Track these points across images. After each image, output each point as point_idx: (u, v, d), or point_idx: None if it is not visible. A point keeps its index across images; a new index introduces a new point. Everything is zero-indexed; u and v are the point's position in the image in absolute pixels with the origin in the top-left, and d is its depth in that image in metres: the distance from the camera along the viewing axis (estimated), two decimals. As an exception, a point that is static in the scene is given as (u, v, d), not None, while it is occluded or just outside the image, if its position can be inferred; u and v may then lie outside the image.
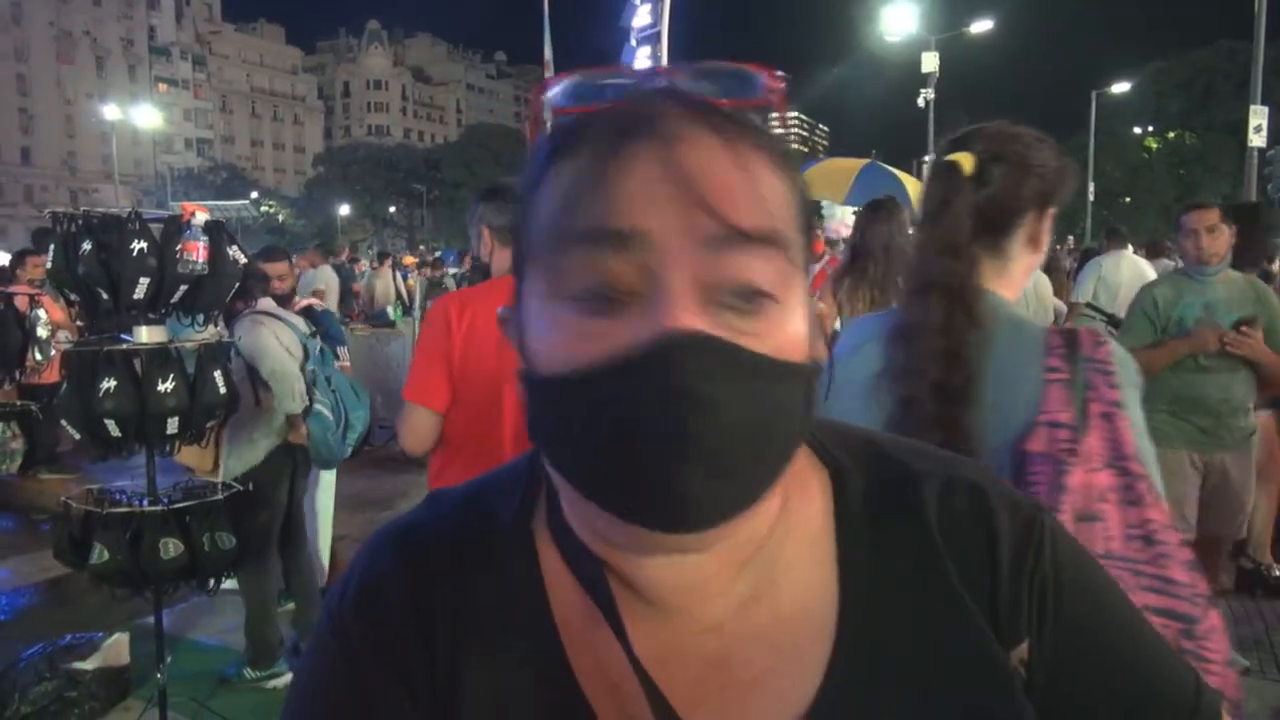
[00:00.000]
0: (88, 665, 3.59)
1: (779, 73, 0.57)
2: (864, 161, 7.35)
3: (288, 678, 3.87)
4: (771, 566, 0.61)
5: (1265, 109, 16.52)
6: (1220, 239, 3.72)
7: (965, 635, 0.60)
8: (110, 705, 3.60)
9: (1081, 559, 0.65)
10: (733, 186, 0.52)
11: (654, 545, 0.55)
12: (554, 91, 0.58)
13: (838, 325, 4.22)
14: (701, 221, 0.51)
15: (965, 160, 1.43)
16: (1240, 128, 18.40)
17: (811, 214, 0.60)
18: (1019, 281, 1.52)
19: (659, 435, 0.50)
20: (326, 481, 4.73)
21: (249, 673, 3.85)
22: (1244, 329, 3.56)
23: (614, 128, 0.53)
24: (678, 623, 0.60)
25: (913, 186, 6.02)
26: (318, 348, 3.99)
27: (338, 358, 4.93)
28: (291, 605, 4.28)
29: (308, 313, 4.62)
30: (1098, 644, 0.62)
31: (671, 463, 0.50)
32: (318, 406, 3.77)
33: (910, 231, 4.22)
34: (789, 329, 0.54)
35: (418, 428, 2.47)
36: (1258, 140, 16.81)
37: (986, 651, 0.60)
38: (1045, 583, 0.61)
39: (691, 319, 0.50)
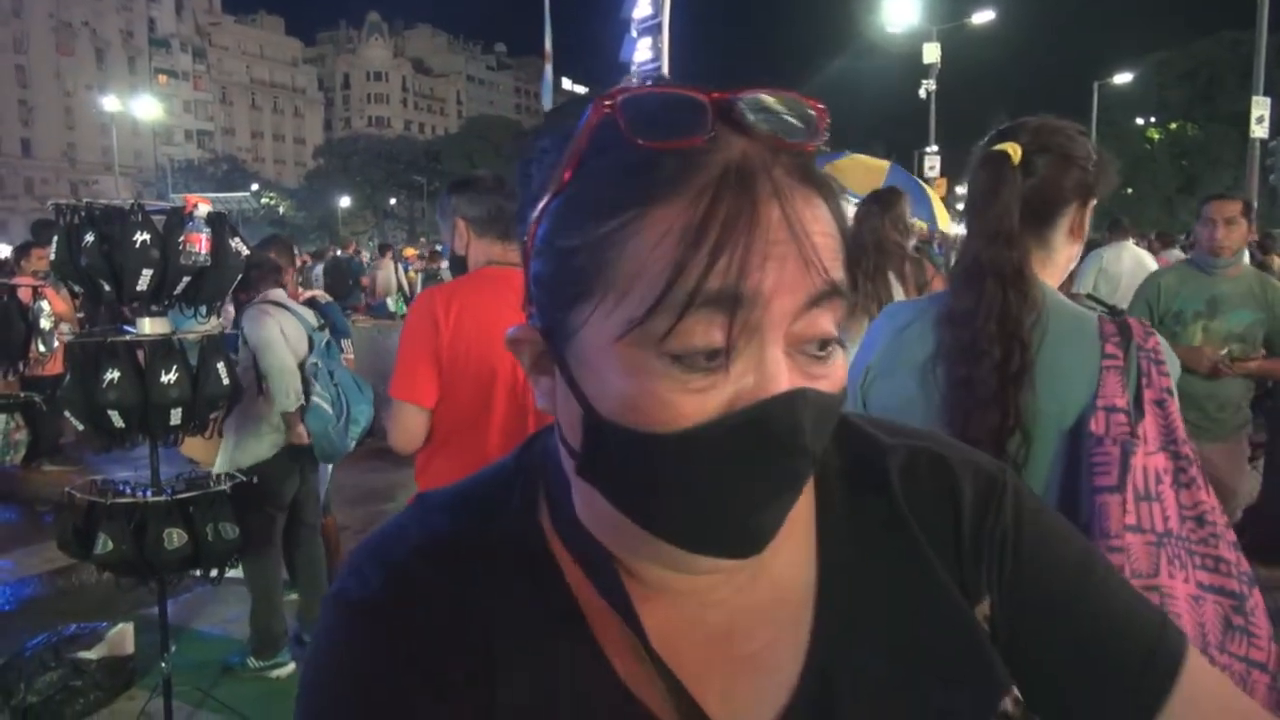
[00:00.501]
0: (92, 655, 3.61)
1: (822, 107, 0.55)
2: (888, 164, 7.39)
3: (291, 668, 3.89)
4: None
5: (1268, 100, 16.49)
6: (1237, 232, 3.72)
7: (936, 597, 0.63)
8: (115, 694, 3.62)
9: (1042, 514, 0.67)
10: (829, 245, 0.53)
11: (691, 565, 0.58)
12: (620, 104, 0.52)
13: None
14: (809, 282, 0.52)
15: (1013, 150, 1.47)
16: (1243, 119, 18.35)
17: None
18: (1061, 271, 1.57)
19: (763, 484, 0.53)
20: (324, 474, 4.74)
21: (252, 662, 3.87)
22: (1235, 364, 3.60)
23: (730, 176, 0.50)
24: (679, 601, 0.62)
25: (934, 197, 6.03)
26: (324, 340, 4.00)
27: (342, 350, 4.94)
28: (294, 596, 4.30)
29: (312, 304, 4.62)
30: (1057, 592, 0.64)
31: (767, 506, 0.54)
32: (316, 400, 3.77)
33: (910, 223, 4.23)
34: (841, 363, 0.56)
35: (408, 425, 2.44)
36: (1260, 131, 16.78)
37: (957, 611, 0.63)
38: (1005, 536, 0.65)
39: (788, 381, 0.52)
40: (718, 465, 0.52)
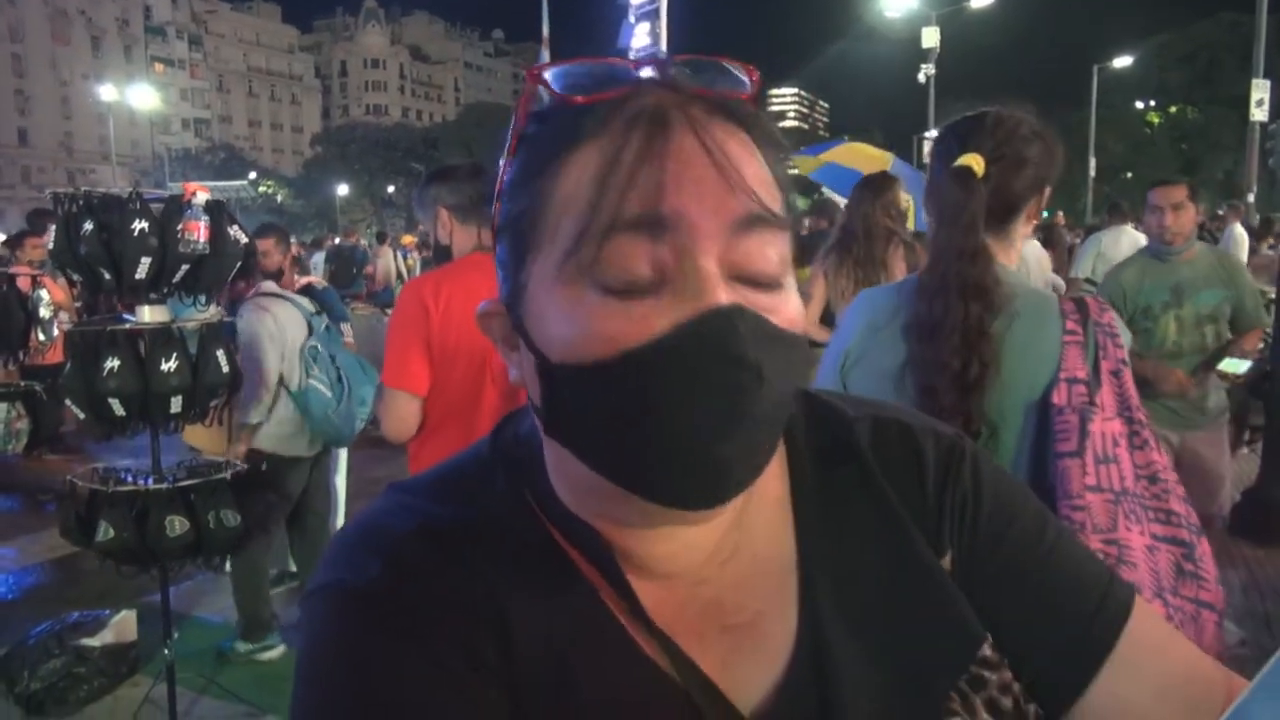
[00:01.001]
0: (95, 642, 3.63)
1: (754, 69, 0.59)
2: (891, 156, 7.33)
3: (280, 649, 3.91)
4: (745, 520, 0.65)
5: (1267, 83, 16.45)
6: (1185, 217, 3.69)
7: (913, 554, 0.66)
8: (118, 681, 3.65)
9: (998, 478, 0.71)
10: (756, 172, 0.55)
11: (666, 520, 0.58)
12: (556, 80, 0.56)
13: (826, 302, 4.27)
14: (733, 204, 0.53)
15: (977, 164, 1.58)
16: (1242, 102, 18.31)
17: (793, 197, 0.62)
18: (1018, 247, 1.72)
19: (712, 406, 0.52)
20: (343, 464, 4.75)
21: (241, 646, 3.90)
22: (1194, 376, 3.66)
23: (643, 115, 0.54)
24: (669, 580, 0.63)
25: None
26: (323, 325, 4.00)
27: (341, 334, 4.95)
28: (291, 584, 4.31)
29: (308, 291, 4.63)
30: (1013, 550, 0.68)
31: (722, 433, 0.52)
32: (314, 383, 3.78)
33: (903, 208, 4.24)
34: (793, 304, 0.57)
35: (401, 414, 2.43)
36: (1259, 114, 16.76)
37: (933, 567, 0.66)
38: (965, 498, 0.68)
39: (724, 297, 0.52)
40: (664, 387, 0.52)
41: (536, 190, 0.56)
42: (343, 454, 4.64)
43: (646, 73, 0.56)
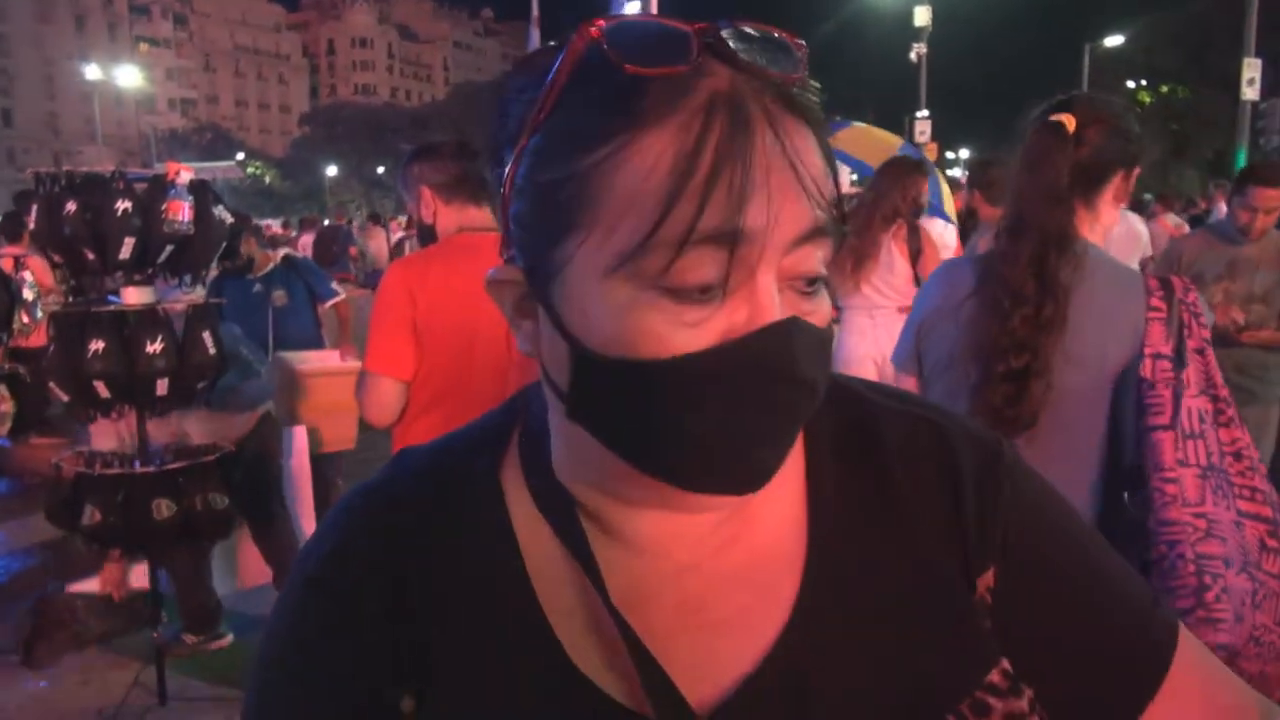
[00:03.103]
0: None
1: (800, 40, 0.54)
2: (900, 140, 7.33)
3: (230, 639, 3.84)
4: (749, 508, 0.61)
5: (1259, 61, 16.46)
6: (1273, 218, 3.64)
7: (925, 566, 0.62)
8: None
9: (1042, 489, 0.67)
10: (824, 179, 0.52)
11: (682, 505, 0.58)
12: (617, 45, 0.50)
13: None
14: (806, 215, 0.51)
15: (1068, 121, 1.63)
16: (1233, 81, 18.29)
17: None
18: (1105, 232, 1.76)
19: (763, 417, 0.52)
20: (298, 446, 4.65)
21: (188, 638, 3.78)
22: (1245, 332, 3.60)
23: (719, 104, 0.49)
24: (652, 563, 0.60)
25: (942, 179, 5.97)
26: None
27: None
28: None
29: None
30: (1056, 566, 0.64)
31: (769, 439, 0.54)
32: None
33: (920, 200, 4.34)
34: (825, 303, 0.56)
35: (385, 398, 2.39)
36: (1251, 93, 16.77)
37: (947, 579, 0.62)
38: (1008, 508, 0.64)
39: (779, 310, 0.51)
40: (712, 396, 0.51)
41: (583, 165, 0.51)
42: (298, 433, 4.52)
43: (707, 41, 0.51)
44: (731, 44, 0.51)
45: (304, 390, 4.42)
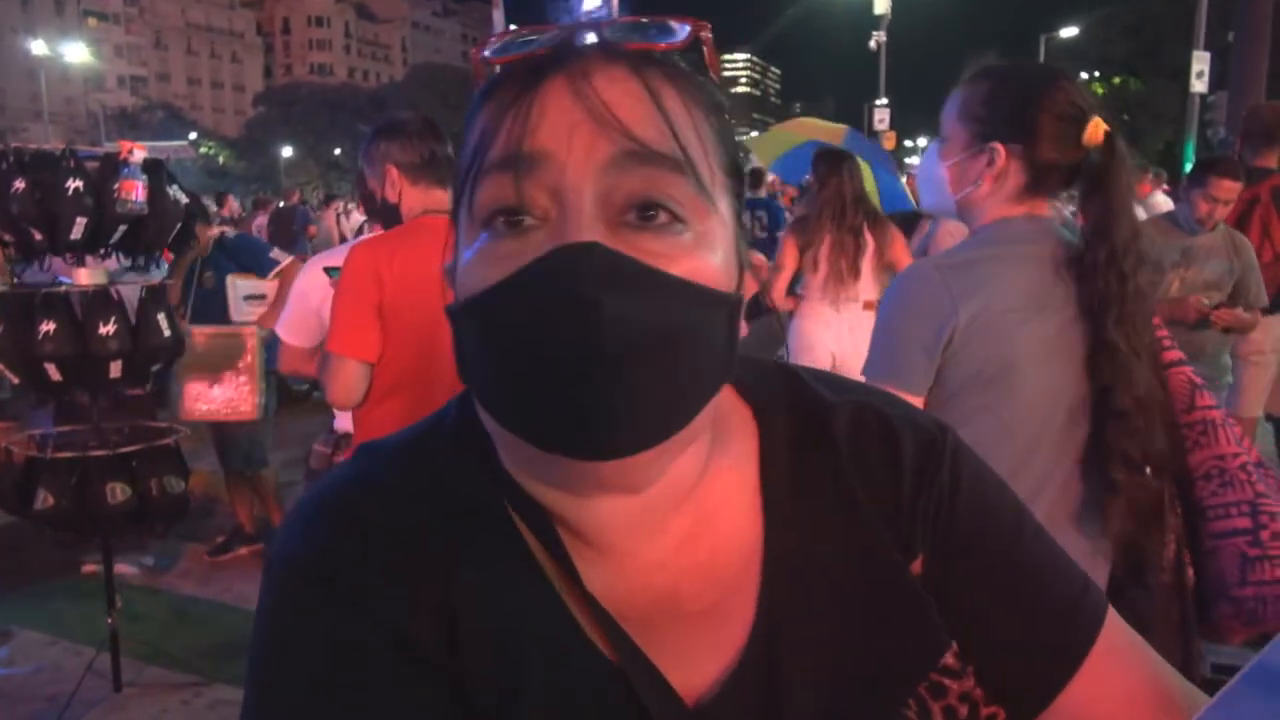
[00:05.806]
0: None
1: (703, 23, 0.58)
2: (845, 128, 7.36)
3: None
4: (707, 504, 0.63)
5: (1207, 55, 16.77)
6: (1229, 208, 3.75)
7: (877, 555, 0.64)
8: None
9: (977, 475, 0.68)
10: (638, 111, 0.54)
11: (585, 479, 0.57)
12: (488, 50, 0.58)
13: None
14: (604, 141, 0.53)
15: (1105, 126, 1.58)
16: (1183, 74, 18.63)
17: (738, 158, 0.61)
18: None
19: (559, 344, 0.51)
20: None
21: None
22: (1220, 312, 3.70)
23: (529, 67, 0.56)
24: (623, 563, 0.61)
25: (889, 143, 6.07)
26: None
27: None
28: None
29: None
30: (990, 549, 0.66)
31: (580, 374, 0.50)
32: None
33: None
34: (704, 257, 0.55)
35: (349, 381, 2.35)
36: (1199, 86, 17.08)
37: (898, 567, 0.64)
38: (941, 496, 0.65)
39: (593, 236, 0.52)
40: (514, 326, 0.53)
41: (461, 147, 0.60)
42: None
43: (590, 38, 0.56)
44: (605, 32, 0.56)
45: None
